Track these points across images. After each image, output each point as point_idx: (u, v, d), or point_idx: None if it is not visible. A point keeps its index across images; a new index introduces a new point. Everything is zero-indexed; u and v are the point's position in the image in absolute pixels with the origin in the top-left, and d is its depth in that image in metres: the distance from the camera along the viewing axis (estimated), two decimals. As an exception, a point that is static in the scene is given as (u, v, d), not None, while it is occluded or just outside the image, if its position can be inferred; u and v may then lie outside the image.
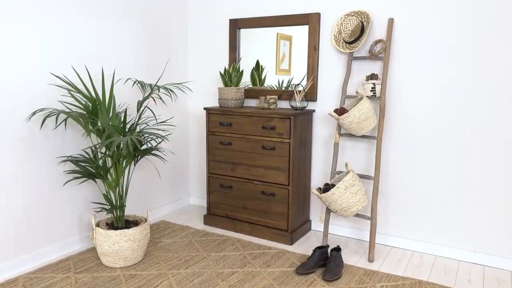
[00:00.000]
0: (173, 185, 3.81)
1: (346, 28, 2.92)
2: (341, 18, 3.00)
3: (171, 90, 2.81)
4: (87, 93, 2.64)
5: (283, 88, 3.34)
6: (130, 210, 3.36)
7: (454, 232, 2.85)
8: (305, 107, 3.15)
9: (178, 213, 3.75)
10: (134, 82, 2.84)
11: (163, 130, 2.86)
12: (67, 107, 2.64)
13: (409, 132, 2.92)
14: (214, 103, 3.76)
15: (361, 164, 3.12)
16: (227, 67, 3.64)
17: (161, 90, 3.53)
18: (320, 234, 3.30)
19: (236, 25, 3.48)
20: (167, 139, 2.72)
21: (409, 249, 3.01)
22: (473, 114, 2.70)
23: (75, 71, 2.60)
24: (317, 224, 3.36)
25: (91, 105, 2.49)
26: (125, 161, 2.68)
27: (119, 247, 2.58)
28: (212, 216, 3.42)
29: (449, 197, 2.84)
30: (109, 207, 2.65)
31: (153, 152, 3.32)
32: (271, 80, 3.40)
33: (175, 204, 3.85)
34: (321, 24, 3.14)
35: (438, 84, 2.78)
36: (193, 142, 3.93)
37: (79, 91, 2.52)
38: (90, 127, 2.57)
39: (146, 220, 2.79)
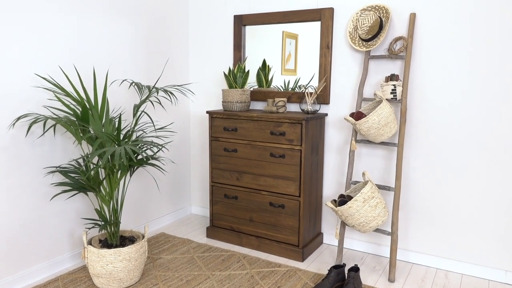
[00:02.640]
0: (173, 194, 3.55)
1: (363, 24, 2.66)
2: (357, 13, 2.74)
3: (171, 93, 2.55)
4: (77, 96, 2.38)
5: (290, 89, 3.07)
6: (126, 222, 3.10)
7: (483, 248, 2.58)
8: (317, 110, 2.88)
9: (178, 224, 3.49)
10: (131, 84, 2.58)
11: (161, 138, 2.60)
12: (54, 113, 2.37)
13: (433, 139, 2.65)
14: (217, 106, 3.49)
15: (379, 173, 2.86)
16: (231, 67, 3.37)
17: (160, 92, 3.26)
18: (333, 248, 3.03)
19: (241, 22, 3.21)
20: (166, 148, 2.46)
21: (432, 266, 2.75)
22: (508, 119, 2.43)
23: (63, 71, 2.34)
24: (329, 237, 3.09)
25: (80, 110, 2.23)
26: (119, 172, 2.42)
27: (113, 267, 2.32)
28: (215, 228, 3.16)
29: (477, 209, 2.57)
30: (103, 223, 2.39)
31: (151, 162, 3.06)
32: (276, 80, 3.14)
33: (176, 214, 3.59)
34: (334, 20, 2.87)
35: (466, 86, 2.51)
36: (195, 148, 3.66)
37: (68, 94, 2.26)
38: (81, 135, 2.31)
39: (143, 236, 2.52)
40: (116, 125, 2.79)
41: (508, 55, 2.37)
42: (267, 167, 2.85)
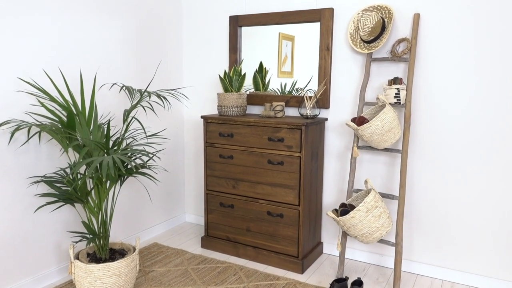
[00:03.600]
0: (166, 202, 3.41)
1: (365, 25, 2.54)
2: (358, 13, 2.62)
3: (163, 97, 2.42)
4: (63, 102, 2.24)
5: (287, 93, 2.95)
6: (116, 233, 2.95)
7: (490, 259, 2.47)
8: (317, 115, 2.76)
9: (172, 233, 3.35)
10: (121, 88, 2.44)
11: (152, 145, 2.47)
12: (37, 120, 2.23)
13: (439, 145, 2.54)
14: (212, 110, 3.36)
15: (382, 180, 2.74)
16: (227, 70, 3.24)
17: (153, 97, 3.12)
18: (333, 258, 2.90)
19: (237, 23, 3.09)
20: (158, 157, 2.32)
21: (437, 278, 2.63)
22: (515, 124, 2.32)
23: (47, 75, 2.19)
24: (329, 247, 2.97)
25: (66, 116, 2.08)
26: (108, 182, 2.28)
27: (101, 283, 2.17)
28: (210, 238, 3.02)
29: (484, 218, 2.46)
30: (90, 236, 2.25)
31: (141, 171, 2.91)
32: (272, 83, 3.02)
33: (169, 223, 3.45)
34: (334, 20, 2.76)
35: (473, 90, 2.40)
36: (189, 154, 3.52)
37: (53, 99, 2.12)
38: (67, 142, 2.16)
39: (134, 249, 2.38)
40: (105, 132, 2.65)
41: (517, 57, 2.27)
42: (265, 175, 2.72)
